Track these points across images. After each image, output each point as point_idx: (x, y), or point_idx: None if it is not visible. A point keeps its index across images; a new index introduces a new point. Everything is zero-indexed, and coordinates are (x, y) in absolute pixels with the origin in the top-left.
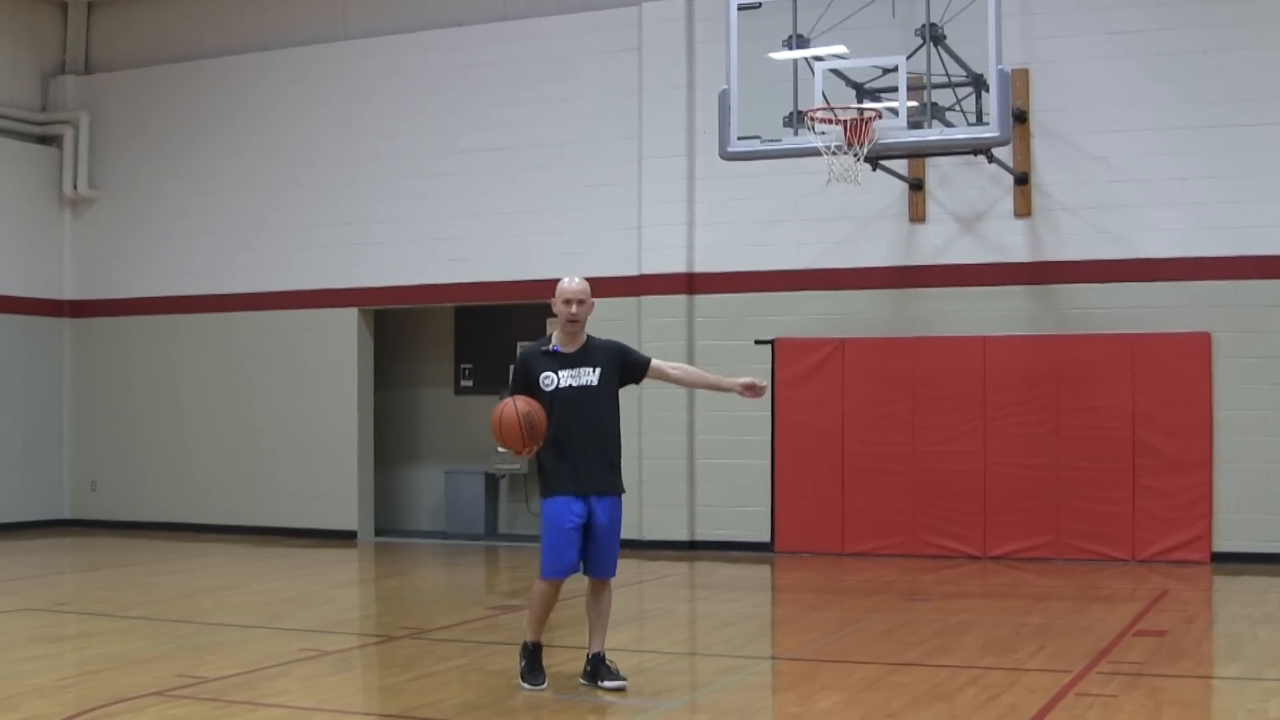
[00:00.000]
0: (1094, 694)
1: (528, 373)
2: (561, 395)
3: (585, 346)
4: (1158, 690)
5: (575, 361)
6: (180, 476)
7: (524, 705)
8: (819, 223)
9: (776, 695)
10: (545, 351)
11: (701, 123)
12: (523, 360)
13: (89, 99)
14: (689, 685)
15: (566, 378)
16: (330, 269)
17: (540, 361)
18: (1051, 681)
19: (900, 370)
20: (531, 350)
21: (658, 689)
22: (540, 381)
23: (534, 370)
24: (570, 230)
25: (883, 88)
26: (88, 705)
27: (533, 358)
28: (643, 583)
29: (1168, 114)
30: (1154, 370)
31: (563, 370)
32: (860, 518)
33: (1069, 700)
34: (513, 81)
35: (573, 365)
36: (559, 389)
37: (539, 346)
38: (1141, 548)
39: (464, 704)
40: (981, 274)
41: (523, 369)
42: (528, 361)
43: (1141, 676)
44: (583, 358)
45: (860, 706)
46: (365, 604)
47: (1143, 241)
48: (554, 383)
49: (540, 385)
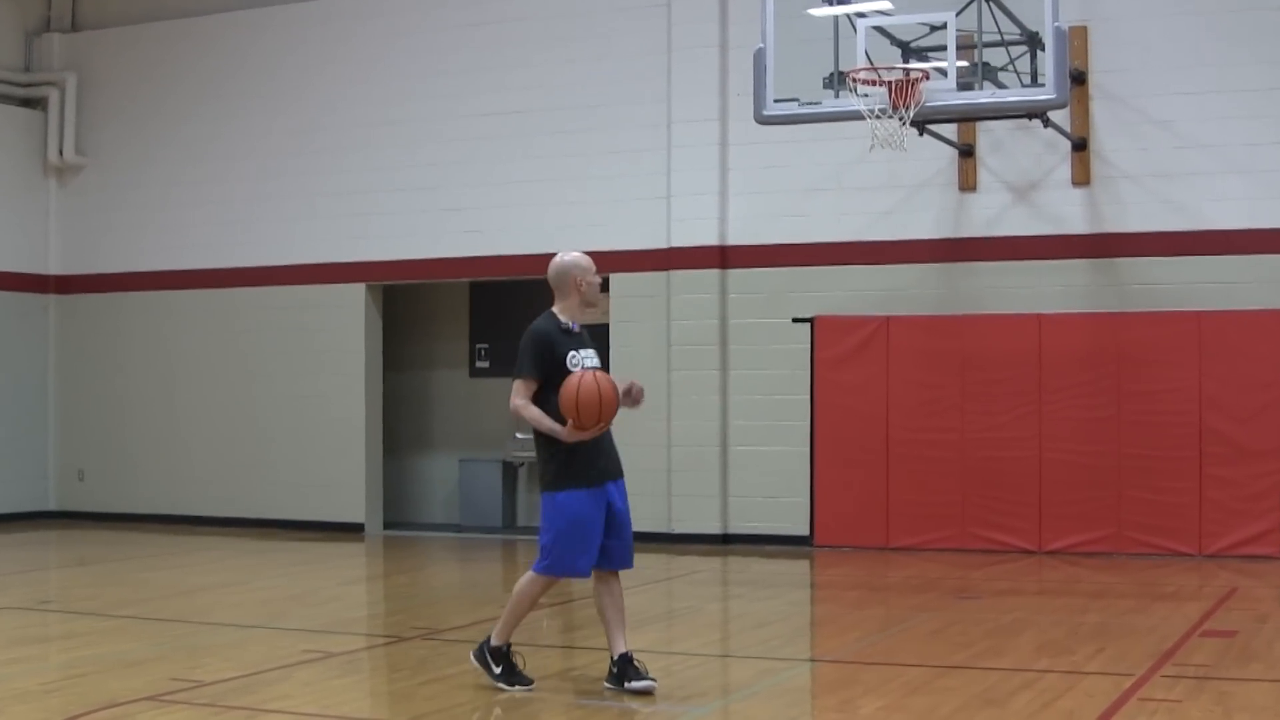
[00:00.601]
0: (1158, 699)
1: (553, 351)
2: None
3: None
4: (1226, 695)
5: (584, 342)
6: (174, 465)
7: (545, 710)
8: (862, 192)
9: (815, 700)
10: (564, 329)
11: (735, 84)
12: (545, 338)
13: (76, 58)
14: (721, 689)
15: (585, 358)
16: (336, 242)
17: (563, 340)
18: (1112, 685)
19: (949, 350)
20: (550, 327)
21: (688, 693)
22: (568, 362)
23: (560, 349)
24: (594, 200)
25: (930, 46)
26: (74, 711)
27: (555, 334)
28: (671, 579)
29: (1237, 75)
30: (1222, 351)
31: (581, 350)
32: (906, 509)
33: (1131, 706)
34: (532, 40)
35: (584, 345)
36: (584, 370)
37: (556, 325)
38: (1209, 541)
39: (480, 710)
40: (1036, 247)
41: (547, 347)
42: (551, 339)
43: (1209, 680)
44: (584, 338)
45: (906, 712)
46: (373, 602)
47: (1210, 212)
48: (580, 361)
49: (568, 365)
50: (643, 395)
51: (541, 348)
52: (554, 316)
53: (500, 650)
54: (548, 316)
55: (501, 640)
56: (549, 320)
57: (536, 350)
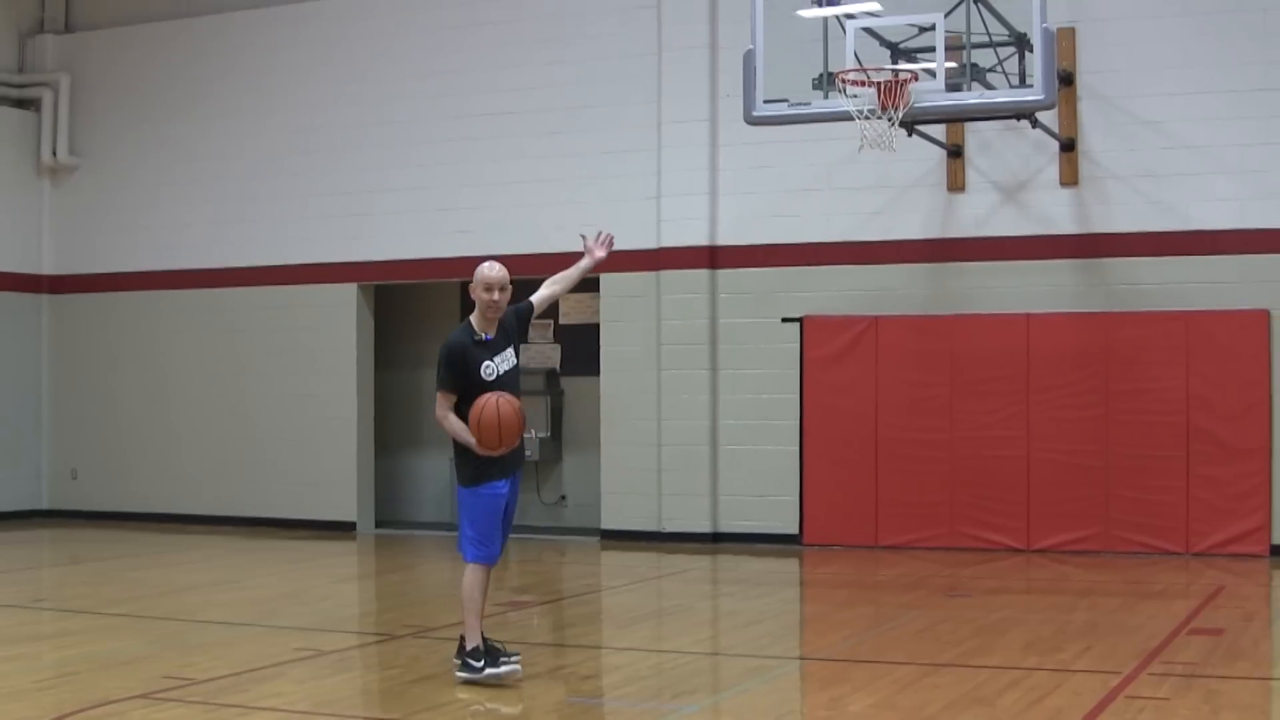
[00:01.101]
0: (1145, 697)
1: (467, 365)
2: (501, 382)
3: (498, 327)
4: (1214, 693)
5: (498, 345)
6: (167, 464)
7: (536, 709)
8: (851, 192)
9: (805, 698)
10: (478, 341)
11: (725, 85)
12: (459, 352)
13: (69, 59)
14: (711, 687)
15: (501, 363)
16: (328, 242)
17: (477, 351)
18: (1099, 684)
19: (938, 350)
20: (464, 340)
21: (678, 691)
22: (482, 372)
23: (473, 361)
24: (584, 200)
25: (919, 48)
26: (67, 709)
27: (468, 348)
28: (662, 577)
29: (1225, 76)
30: (1210, 350)
31: (495, 358)
32: (895, 508)
33: (1118, 704)
34: (523, 40)
35: (498, 350)
36: (499, 377)
37: (470, 337)
38: (1196, 540)
39: (471, 707)
40: (1025, 247)
41: (461, 361)
42: (465, 353)
43: (1196, 678)
44: (500, 340)
45: (895, 710)
46: (365, 600)
47: (1198, 212)
48: (494, 371)
49: (483, 376)
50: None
51: (454, 361)
52: (469, 327)
53: (478, 649)
54: (464, 328)
55: (475, 641)
56: (463, 332)
57: (449, 364)
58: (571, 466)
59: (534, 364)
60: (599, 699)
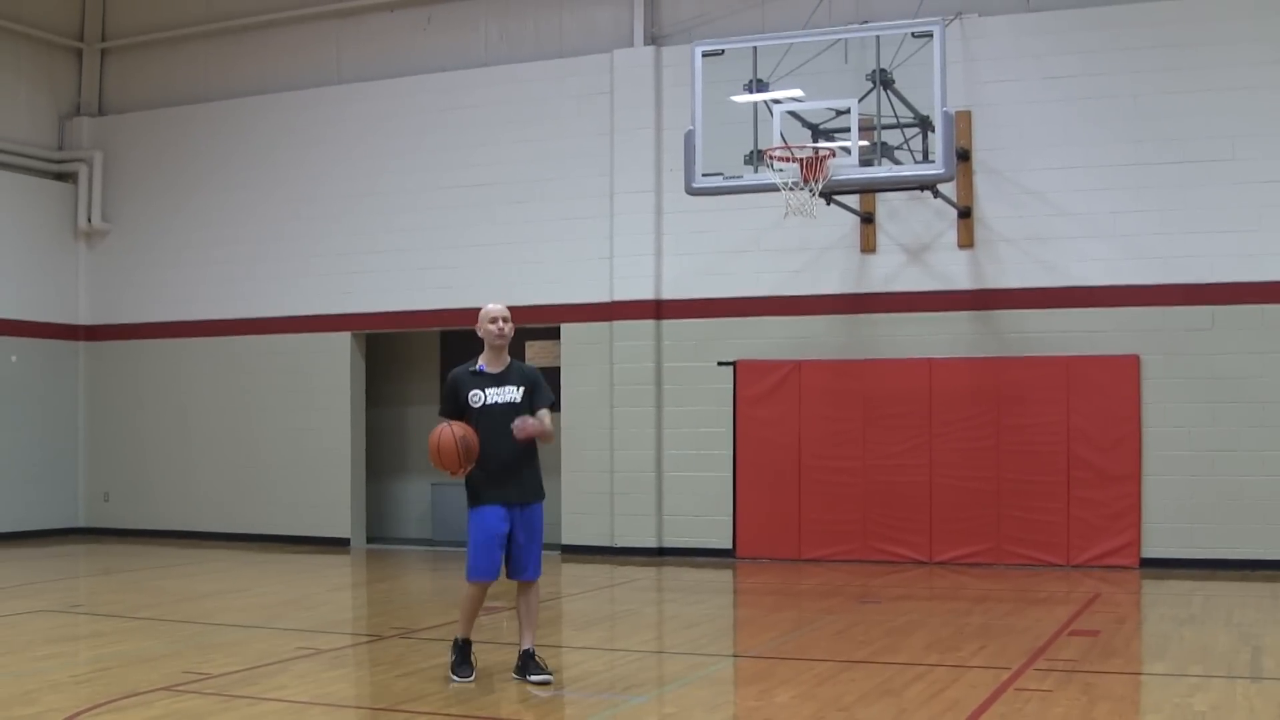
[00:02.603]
0: (1031, 689)
1: (457, 394)
2: (488, 411)
3: (509, 367)
4: (1091, 686)
5: (500, 380)
6: (186, 488)
7: (506, 698)
8: (777, 253)
9: (738, 690)
10: (473, 372)
11: (669, 160)
12: (453, 382)
13: (102, 139)
14: (657, 681)
15: (493, 395)
16: (326, 296)
17: (469, 381)
18: (992, 678)
19: (853, 390)
20: (460, 372)
21: (628, 685)
22: (469, 400)
23: (464, 390)
24: (547, 260)
25: (836, 128)
26: (100, 700)
27: (462, 378)
28: (614, 586)
29: (1099, 152)
30: (1087, 390)
31: (490, 388)
32: (815, 526)
33: (1008, 695)
34: (494, 122)
35: (499, 384)
36: (486, 405)
37: (467, 368)
38: (1076, 553)
39: (448, 699)
40: (927, 301)
41: (453, 390)
42: (457, 382)
43: (1076, 673)
44: (506, 377)
45: (815, 701)
46: (357, 606)
47: (1076, 270)
48: (481, 399)
49: (469, 403)
50: (538, 429)
51: (449, 391)
52: (474, 361)
53: (457, 642)
54: (469, 363)
55: (461, 635)
56: (465, 366)
57: (446, 393)
58: None
59: None
60: (560, 691)
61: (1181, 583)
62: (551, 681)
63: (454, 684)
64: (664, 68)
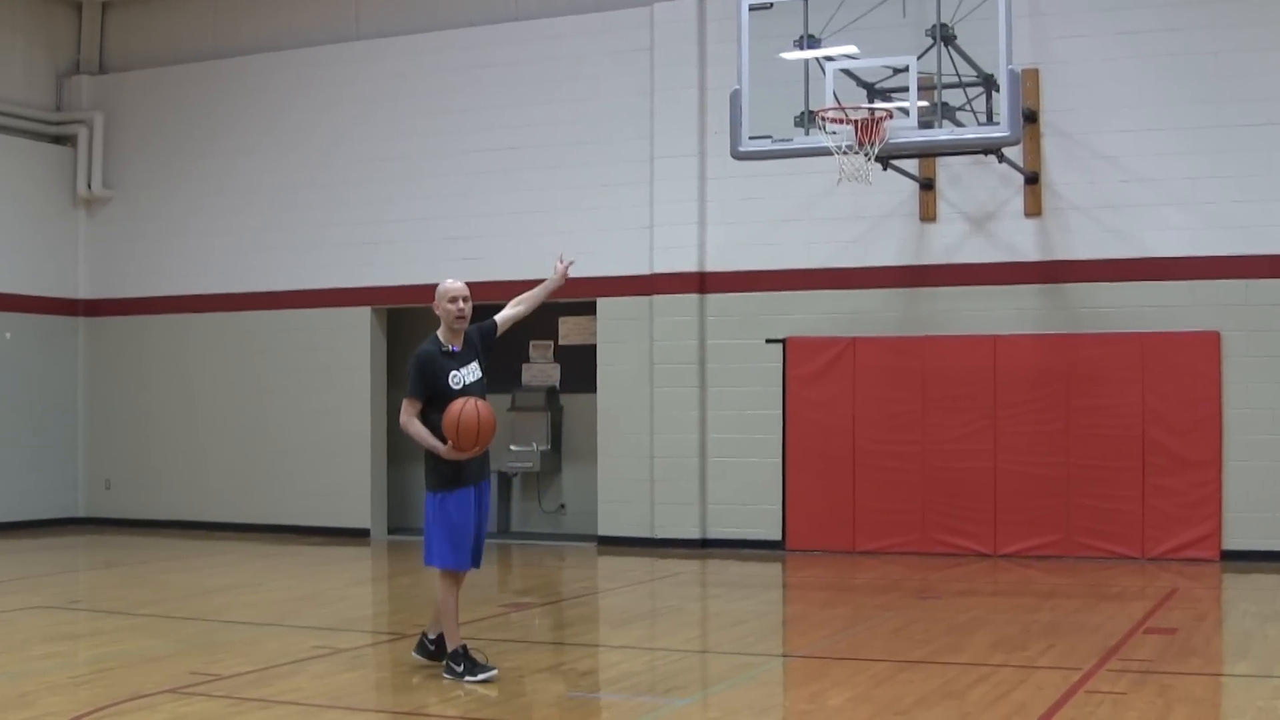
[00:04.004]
0: (1104, 691)
1: (435, 375)
2: (466, 392)
3: (466, 343)
4: (1167, 688)
5: (464, 358)
6: (193, 475)
7: (539, 701)
8: (830, 222)
9: (787, 692)
10: (445, 353)
11: (713, 122)
12: (427, 362)
13: (103, 99)
14: (700, 682)
15: (465, 375)
16: (343, 268)
17: (444, 362)
18: (1061, 679)
19: (911, 369)
20: (432, 351)
21: (670, 686)
22: (450, 381)
23: (442, 371)
24: (582, 229)
25: (893, 88)
26: (101, 702)
27: (436, 359)
28: (654, 580)
29: (1177, 114)
30: (1163, 369)
31: (462, 368)
32: (871, 516)
33: (1079, 698)
34: (525, 82)
35: (464, 362)
36: (464, 387)
37: (436, 348)
38: (1151, 545)
39: (476, 701)
40: (992, 273)
41: (430, 371)
42: (433, 363)
43: (1151, 674)
44: (466, 353)
45: (870, 704)
46: (378, 602)
47: (1152, 240)
48: (461, 381)
49: (450, 385)
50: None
51: (424, 370)
52: (437, 339)
53: (458, 653)
54: (432, 340)
55: (455, 644)
56: (432, 344)
57: (419, 372)
58: (570, 477)
59: (535, 382)
60: (596, 694)
61: (1265, 576)
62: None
63: (476, 681)
64: (708, 22)
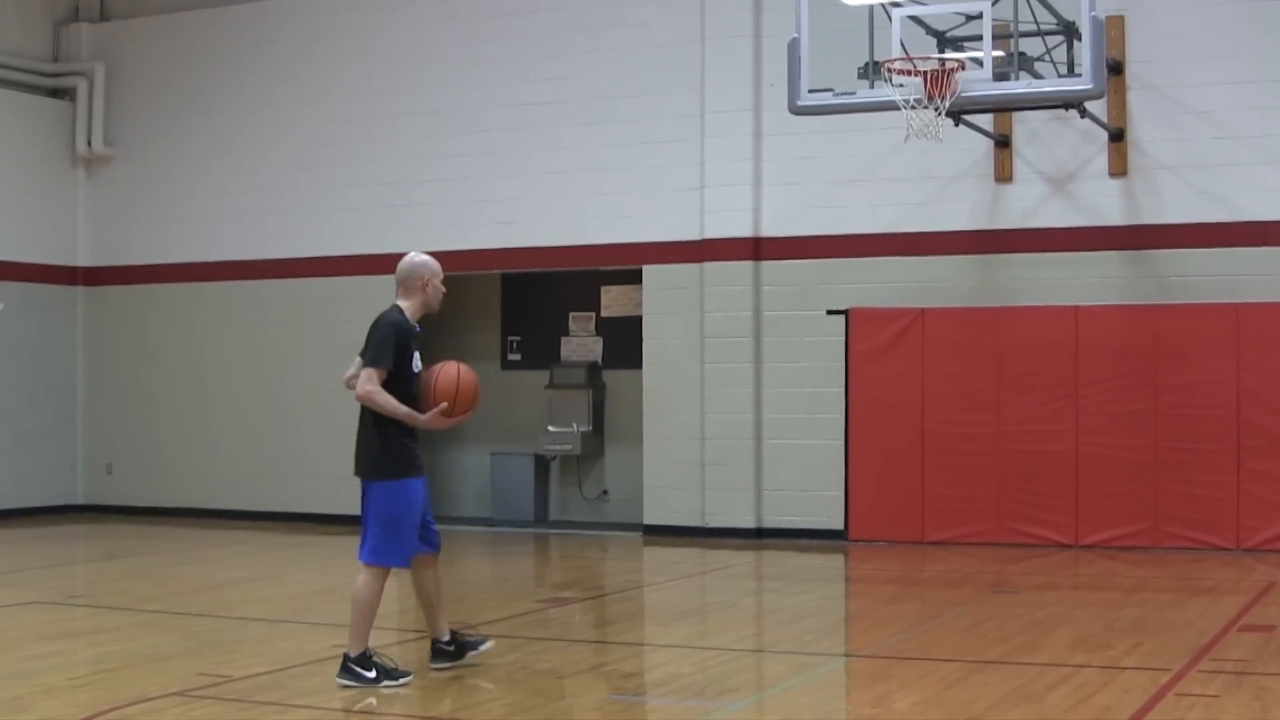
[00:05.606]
0: (1195, 694)
1: (405, 350)
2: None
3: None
4: (1265, 690)
5: (418, 343)
6: (203, 459)
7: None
8: (897, 183)
9: (850, 695)
10: (411, 330)
11: (769, 74)
12: (405, 336)
13: (104, 48)
14: (755, 684)
15: (419, 361)
16: (367, 233)
17: (411, 341)
18: (1149, 681)
19: (985, 343)
20: (407, 326)
21: (722, 688)
22: (414, 362)
23: (408, 348)
24: (627, 191)
25: (966, 36)
26: (102, 706)
27: (408, 334)
28: (705, 573)
29: (1275, 65)
30: (1260, 343)
31: (418, 353)
32: (941, 503)
33: (1168, 701)
34: (564, 30)
35: (418, 347)
36: (416, 373)
37: (409, 324)
38: (1247, 535)
39: (510, 705)
40: (1073, 238)
41: (405, 345)
42: (407, 337)
43: (1247, 675)
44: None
45: (941, 708)
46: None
47: (1249, 203)
48: (419, 366)
49: (412, 367)
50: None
51: (399, 341)
52: (403, 313)
53: (365, 656)
54: (398, 311)
55: (363, 646)
56: (400, 315)
57: (394, 341)
58: (614, 461)
59: (575, 357)
60: (641, 696)
61: None
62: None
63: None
64: None
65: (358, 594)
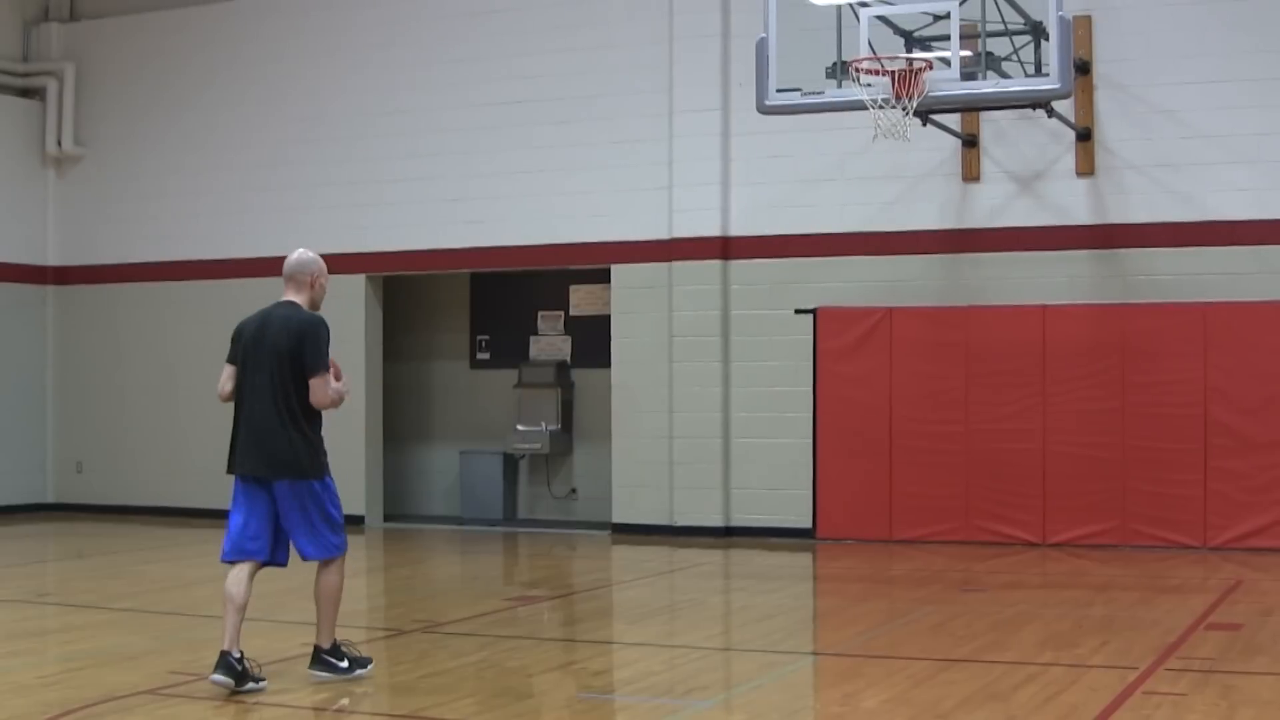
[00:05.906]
0: (1162, 693)
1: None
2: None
3: None
4: (1231, 689)
5: None
6: (173, 457)
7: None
8: (865, 182)
9: (818, 694)
10: None
11: (738, 74)
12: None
13: (74, 48)
14: (724, 683)
15: None
16: (336, 232)
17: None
18: (1116, 679)
19: (953, 342)
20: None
21: (690, 687)
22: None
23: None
24: (595, 190)
25: (934, 36)
26: (72, 705)
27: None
28: (674, 572)
29: (1242, 64)
30: (1228, 342)
31: None
32: (909, 502)
33: (1135, 699)
34: (534, 29)
35: None
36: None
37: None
38: (1214, 534)
39: (480, 703)
40: (1040, 237)
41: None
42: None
43: (1214, 674)
44: None
45: (909, 706)
46: (374, 595)
47: (1215, 202)
48: None
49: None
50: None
51: (326, 343)
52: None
53: (336, 647)
54: (298, 308)
55: (330, 640)
56: (312, 314)
57: (325, 346)
58: (582, 459)
59: (544, 356)
60: (610, 695)
61: None
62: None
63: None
64: None
65: (325, 589)
